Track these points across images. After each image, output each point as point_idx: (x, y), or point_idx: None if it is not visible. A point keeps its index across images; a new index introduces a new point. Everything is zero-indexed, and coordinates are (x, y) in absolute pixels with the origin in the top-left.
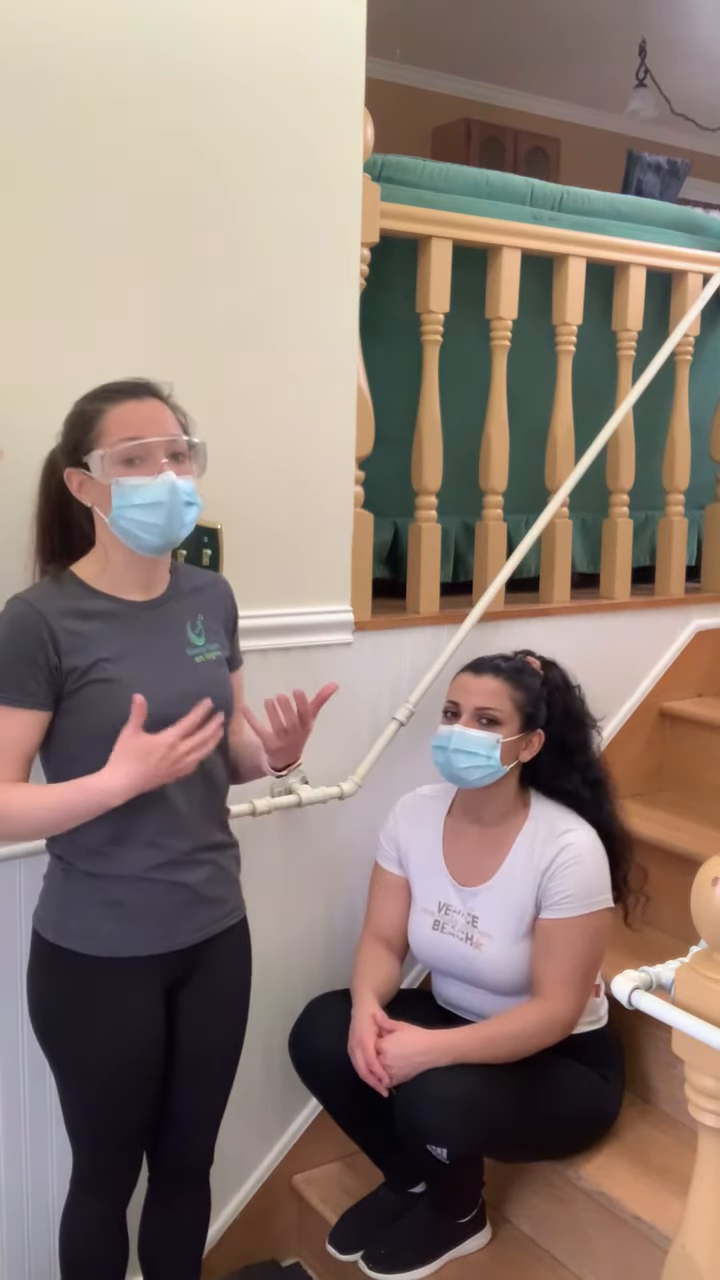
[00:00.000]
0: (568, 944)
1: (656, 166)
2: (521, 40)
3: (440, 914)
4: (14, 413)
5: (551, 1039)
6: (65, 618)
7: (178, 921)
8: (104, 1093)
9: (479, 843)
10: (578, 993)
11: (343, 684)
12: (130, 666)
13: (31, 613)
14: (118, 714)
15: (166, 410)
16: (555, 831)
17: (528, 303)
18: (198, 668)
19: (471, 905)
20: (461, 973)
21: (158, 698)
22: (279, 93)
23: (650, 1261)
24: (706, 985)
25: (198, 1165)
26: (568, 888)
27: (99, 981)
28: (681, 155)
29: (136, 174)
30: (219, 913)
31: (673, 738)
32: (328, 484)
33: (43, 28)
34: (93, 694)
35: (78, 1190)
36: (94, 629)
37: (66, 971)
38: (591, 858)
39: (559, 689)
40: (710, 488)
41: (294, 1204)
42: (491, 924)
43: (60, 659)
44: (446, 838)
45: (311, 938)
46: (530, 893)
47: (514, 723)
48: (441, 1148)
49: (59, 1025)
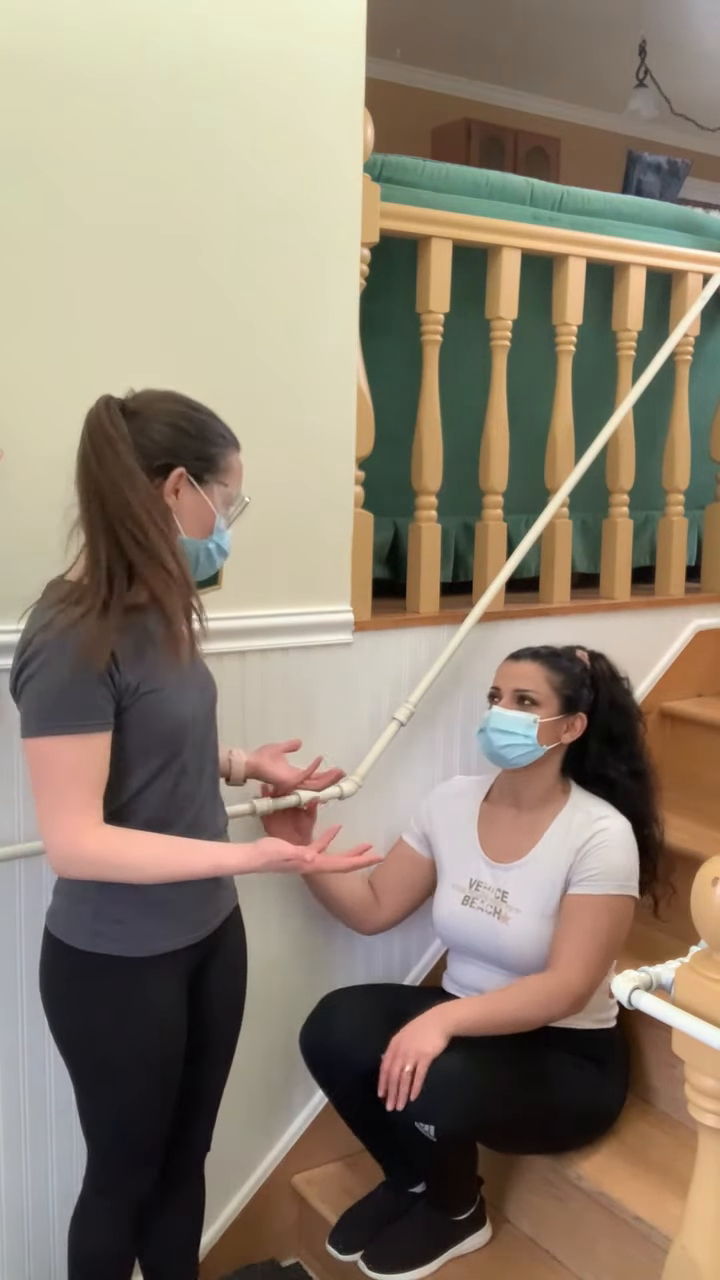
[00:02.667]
0: (589, 920)
1: (656, 166)
2: (522, 40)
3: (471, 890)
4: (14, 413)
5: (557, 1009)
6: (117, 632)
7: (204, 908)
8: (145, 1092)
9: (514, 825)
10: (590, 969)
11: (343, 684)
12: (164, 673)
13: (96, 631)
14: (170, 722)
15: None
16: (592, 816)
17: (528, 303)
18: (195, 665)
19: (503, 881)
20: (484, 948)
21: (190, 700)
22: (279, 93)
23: (650, 1261)
24: (706, 985)
25: (198, 1150)
26: (598, 865)
27: (143, 981)
28: (681, 155)
29: (136, 174)
30: (228, 894)
31: (673, 738)
32: (328, 484)
33: (42, 28)
34: (146, 706)
35: (94, 1194)
36: (134, 640)
37: (109, 977)
38: (624, 843)
39: (605, 679)
40: (710, 488)
41: (294, 1204)
42: (521, 898)
43: (121, 674)
44: (482, 820)
45: (311, 937)
46: (563, 870)
47: (552, 704)
48: (429, 1124)
49: (102, 1032)
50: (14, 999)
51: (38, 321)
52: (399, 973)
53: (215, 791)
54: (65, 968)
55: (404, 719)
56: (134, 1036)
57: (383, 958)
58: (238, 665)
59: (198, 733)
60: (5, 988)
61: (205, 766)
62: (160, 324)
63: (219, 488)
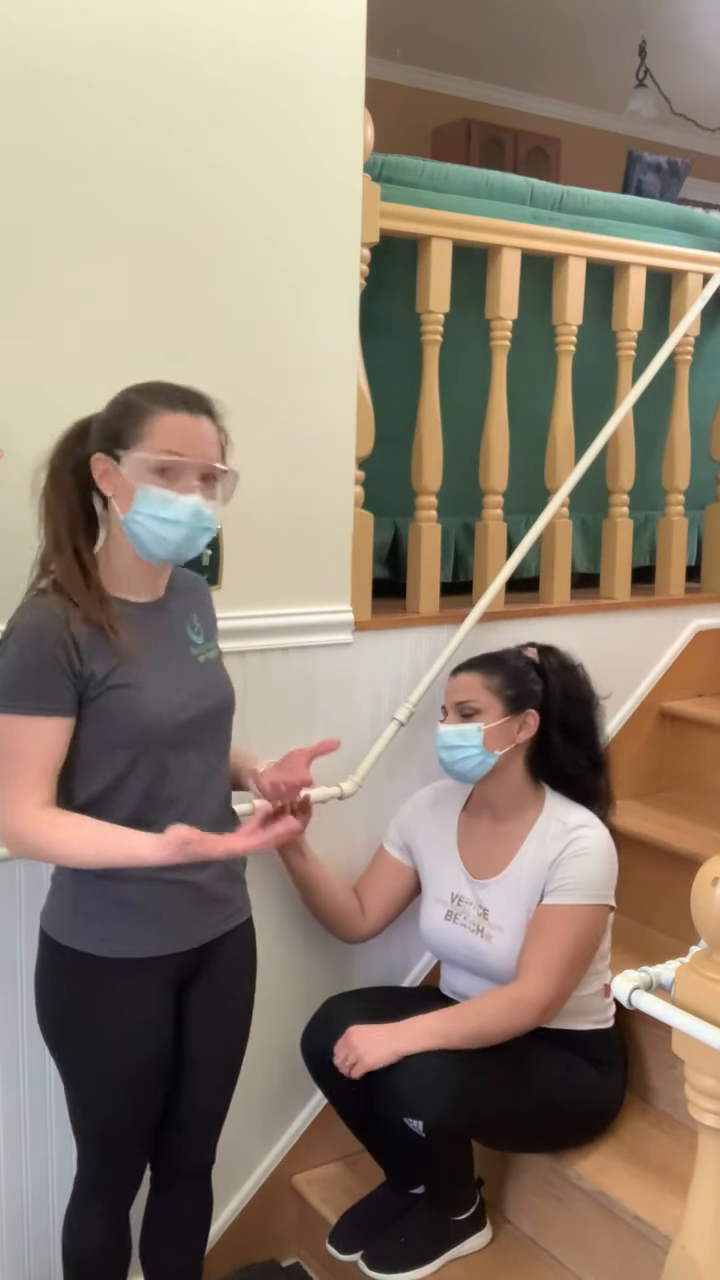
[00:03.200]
0: (557, 929)
1: (656, 166)
2: (521, 40)
3: (453, 904)
4: (13, 413)
5: (520, 1021)
6: (84, 623)
7: (188, 921)
8: (114, 1095)
9: (491, 836)
10: (555, 979)
11: (343, 684)
12: (145, 670)
13: (53, 618)
14: (137, 719)
15: (214, 430)
16: (567, 826)
17: (527, 303)
18: (202, 668)
19: (482, 897)
20: (470, 963)
21: (171, 700)
22: (279, 93)
23: (650, 1261)
24: (706, 985)
25: (200, 1165)
26: (570, 875)
27: (111, 983)
28: (681, 155)
29: (136, 174)
30: (227, 911)
31: (673, 738)
32: (328, 484)
33: (41, 29)
34: (112, 700)
35: (82, 1191)
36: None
37: (78, 973)
38: (600, 852)
39: (554, 670)
40: (710, 488)
41: (294, 1204)
42: (502, 916)
43: (83, 665)
44: (461, 830)
45: (312, 938)
46: (539, 886)
47: (494, 708)
48: (417, 1120)
49: (71, 1027)
50: (14, 998)
51: (37, 322)
52: (398, 975)
53: (213, 799)
54: (45, 959)
55: (404, 719)
56: (104, 1037)
57: (381, 960)
58: (238, 665)
59: (182, 734)
60: (5, 987)
61: (194, 770)
62: (159, 324)
63: (137, 456)
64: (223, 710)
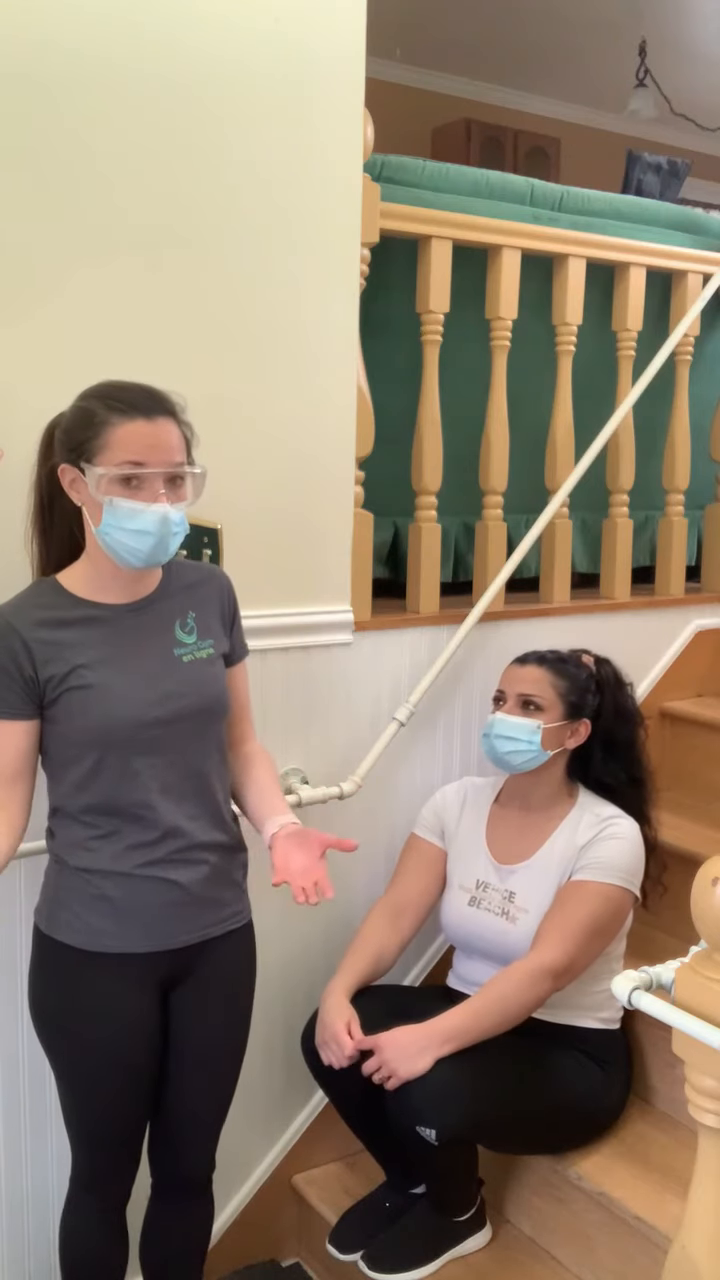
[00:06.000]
0: (579, 902)
1: (656, 166)
2: (521, 40)
3: (478, 891)
4: (12, 413)
5: (539, 990)
6: (39, 628)
7: (170, 920)
8: (95, 1089)
9: (521, 827)
10: (569, 948)
11: (343, 684)
12: (109, 671)
13: (1, 625)
14: (94, 720)
15: (175, 431)
16: (601, 816)
17: (528, 303)
18: (185, 667)
19: (509, 882)
20: (493, 949)
21: (138, 700)
22: (279, 93)
23: (650, 1261)
24: (706, 985)
25: (198, 1173)
26: (599, 856)
27: (90, 975)
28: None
29: (136, 174)
30: (218, 915)
31: (673, 738)
32: (328, 484)
33: (41, 28)
34: (71, 701)
35: (76, 1189)
36: (71, 636)
37: (59, 964)
38: (631, 839)
39: (610, 685)
40: (710, 488)
41: (294, 1204)
42: (529, 899)
43: (35, 669)
44: (490, 823)
45: (311, 938)
46: (567, 869)
47: (556, 709)
48: (430, 1129)
49: (53, 1017)
50: (14, 998)
51: (36, 322)
52: (399, 973)
53: (192, 808)
54: (34, 949)
55: (404, 719)
56: (81, 1030)
57: None
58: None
59: (151, 734)
60: (5, 986)
61: (163, 775)
62: (159, 324)
63: (99, 472)
64: (203, 710)
